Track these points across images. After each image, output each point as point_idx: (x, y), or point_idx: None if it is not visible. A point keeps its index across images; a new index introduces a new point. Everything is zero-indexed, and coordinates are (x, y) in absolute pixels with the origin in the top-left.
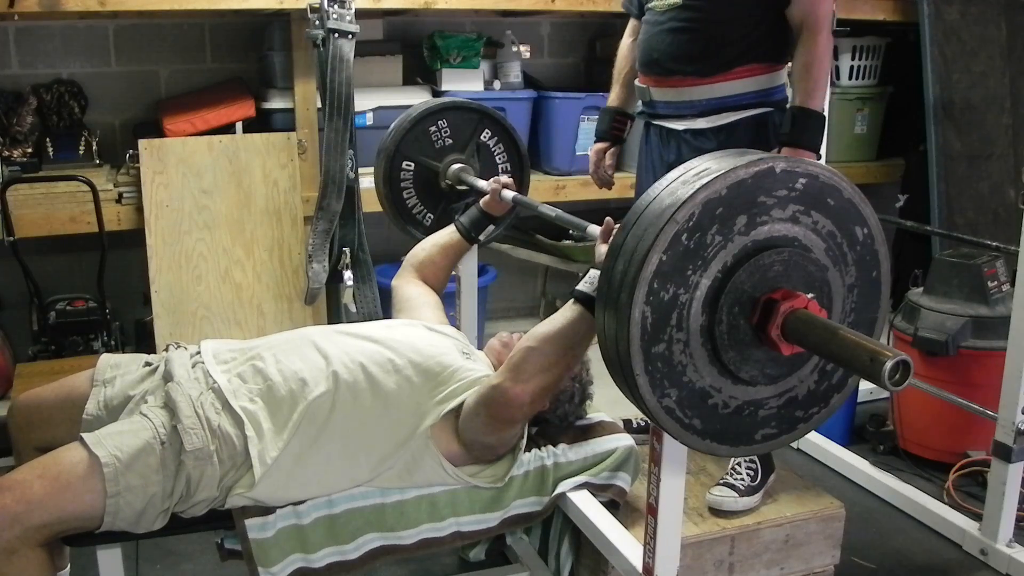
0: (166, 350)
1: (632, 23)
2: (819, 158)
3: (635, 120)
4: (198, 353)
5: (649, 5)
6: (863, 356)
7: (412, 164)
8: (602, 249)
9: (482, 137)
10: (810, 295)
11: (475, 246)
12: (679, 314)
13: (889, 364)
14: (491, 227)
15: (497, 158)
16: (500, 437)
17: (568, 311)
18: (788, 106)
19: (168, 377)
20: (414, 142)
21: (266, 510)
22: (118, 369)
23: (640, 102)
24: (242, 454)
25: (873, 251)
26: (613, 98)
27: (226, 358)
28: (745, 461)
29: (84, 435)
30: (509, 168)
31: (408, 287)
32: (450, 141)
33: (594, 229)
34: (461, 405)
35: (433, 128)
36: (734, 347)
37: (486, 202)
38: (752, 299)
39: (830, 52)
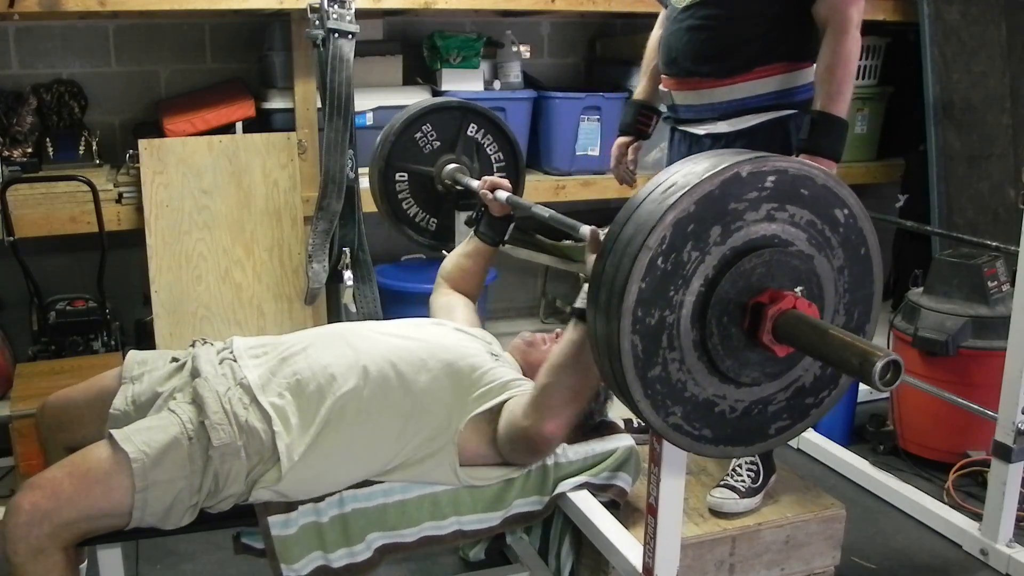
0: (192, 346)
1: (662, 14)
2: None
3: (660, 118)
4: (225, 349)
5: (671, 2)
6: (852, 357)
7: (405, 174)
8: (591, 259)
9: (470, 132)
10: (798, 289)
11: None
12: (669, 335)
13: (879, 364)
14: (511, 225)
15: (488, 149)
16: (540, 458)
17: (572, 333)
18: (809, 110)
19: (195, 373)
20: (403, 151)
21: (288, 507)
22: (145, 366)
23: (664, 106)
24: (269, 449)
25: (857, 229)
26: (639, 91)
27: (257, 352)
28: (746, 462)
29: (112, 432)
30: (502, 158)
31: (440, 298)
32: (438, 143)
33: (586, 229)
34: (490, 409)
35: (419, 134)
36: (730, 355)
37: (489, 207)
38: (740, 306)
39: (856, 54)
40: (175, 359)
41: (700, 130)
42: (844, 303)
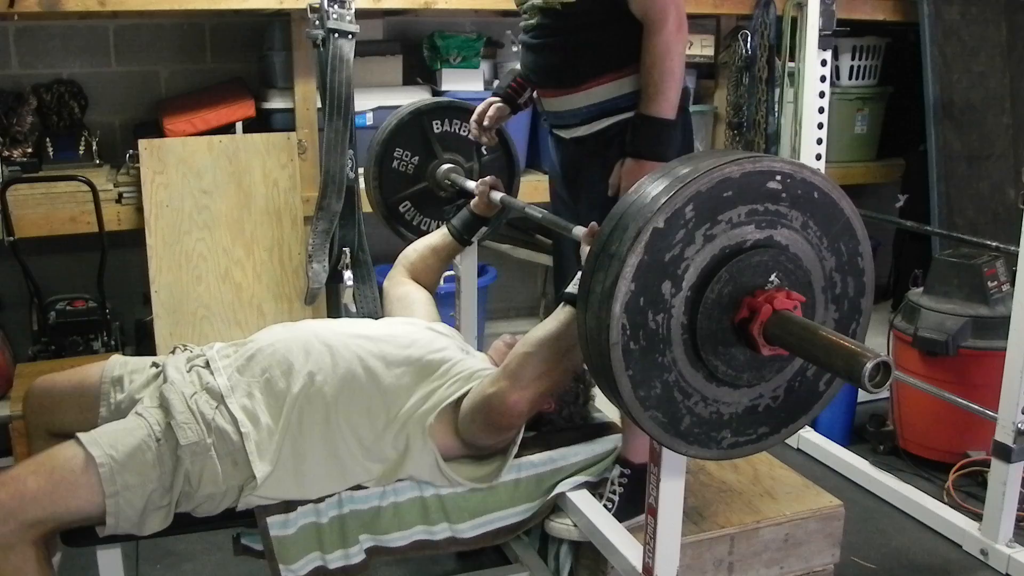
0: (172, 352)
1: None
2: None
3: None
4: (197, 356)
5: (521, 24)
6: (841, 359)
7: (408, 203)
8: (586, 250)
9: (453, 129)
10: (772, 280)
11: (475, 246)
12: (659, 334)
13: (869, 365)
14: (483, 228)
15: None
16: (497, 439)
17: (560, 314)
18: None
19: (164, 379)
20: (392, 185)
21: (287, 507)
22: (126, 368)
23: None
24: (241, 450)
25: (848, 226)
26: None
27: (227, 353)
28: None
29: (79, 434)
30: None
31: (399, 287)
32: (416, 157)
33: (579, 230)
34: (459, 400)
35: (395, 162)
36: (744, 371)
37: (475, 204)
38: (731, 305)
39: (675, 50)
40: (155, 364)
41: (565, 134)
42: (835, 303)
